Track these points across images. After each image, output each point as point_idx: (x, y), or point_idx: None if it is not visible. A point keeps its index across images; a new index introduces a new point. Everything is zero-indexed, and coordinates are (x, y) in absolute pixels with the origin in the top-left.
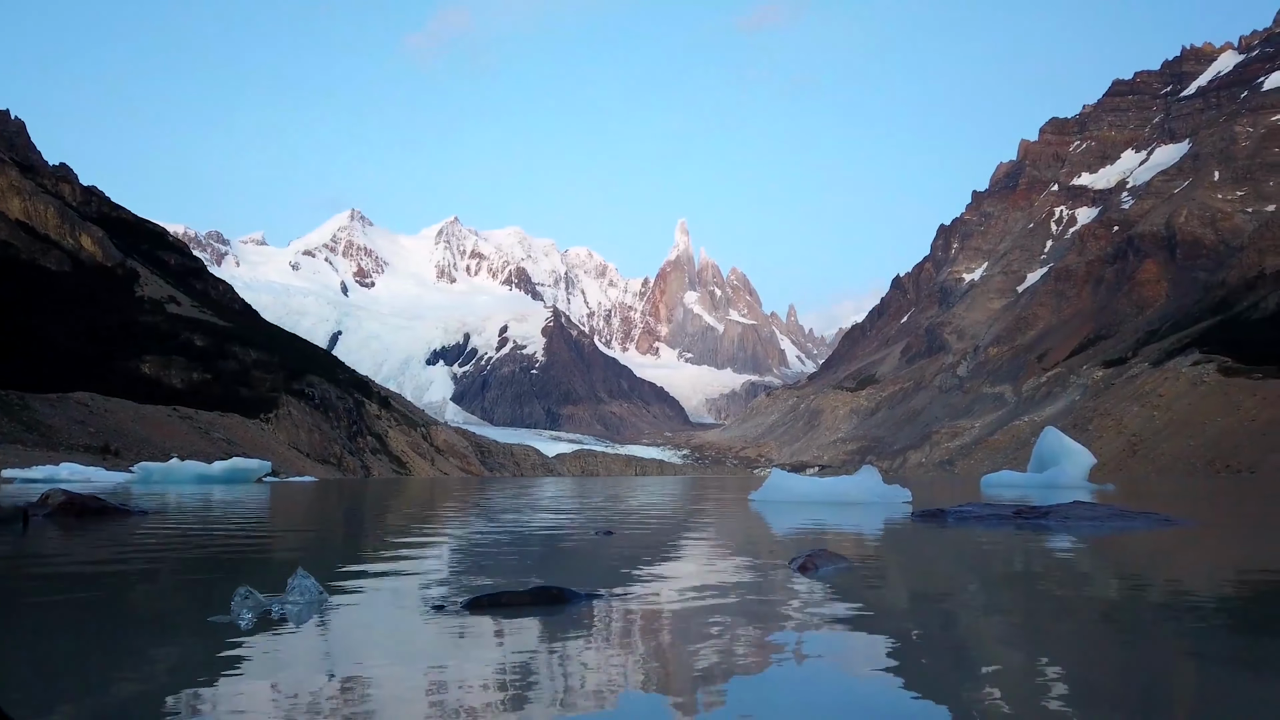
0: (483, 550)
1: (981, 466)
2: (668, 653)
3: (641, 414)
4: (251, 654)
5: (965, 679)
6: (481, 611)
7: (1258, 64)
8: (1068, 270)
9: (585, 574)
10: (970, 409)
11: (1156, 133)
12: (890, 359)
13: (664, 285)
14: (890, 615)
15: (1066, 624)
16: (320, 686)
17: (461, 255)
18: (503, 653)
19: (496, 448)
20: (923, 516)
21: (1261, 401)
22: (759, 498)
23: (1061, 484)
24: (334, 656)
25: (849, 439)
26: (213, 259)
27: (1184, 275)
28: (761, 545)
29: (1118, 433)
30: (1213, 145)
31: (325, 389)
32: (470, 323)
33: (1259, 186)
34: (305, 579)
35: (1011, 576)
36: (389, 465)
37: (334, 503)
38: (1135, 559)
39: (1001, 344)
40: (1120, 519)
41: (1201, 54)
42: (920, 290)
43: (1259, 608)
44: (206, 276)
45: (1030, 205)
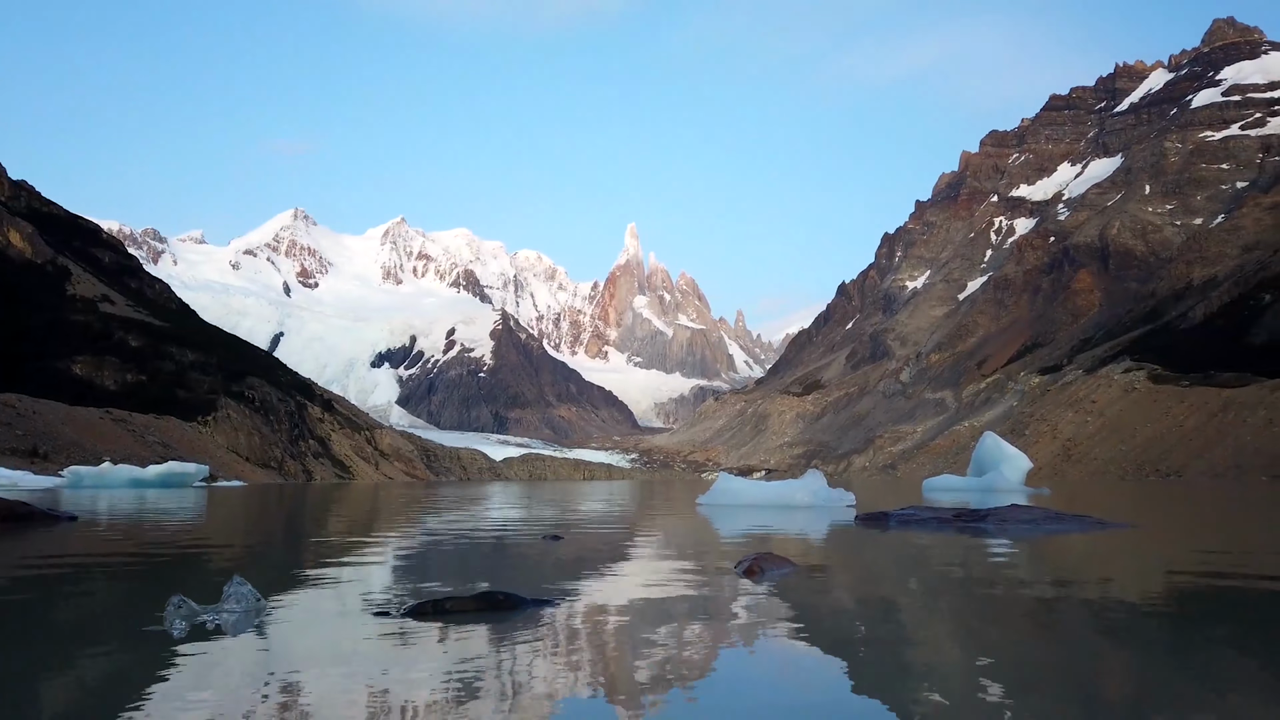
0: (427, 555)
1: (923, 470)
2: (614, 659)
3: (590, 418)
4: (185, 664)
5: (907, 679)
6: (425, 618)
7: (1186, 82)
8: (1006, 279)
9: (532, 579)
10: (913, 414)
11: (1091, 147)
12: (836, 364)
13: (613, 289)
14: (834, 618)
15: (1003, 624)
16: (257, 697)
17: (408, 256)
18: (447, 661)
19: (443, 451)
20: (866, 520)
21: (1189, 408)
22: (706, 501)
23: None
24: (271, 666)
25: (795, 443)
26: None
27: (1116, 285)
28: (708, 549)
29: (1053, 438)
30: (1144, 160)
31: (266, 391)
32: (417, 325)
33: (1187, 201)
34: (242, 586)
35: (951, 579)
36: (332, 469)
37: (272, 508)
38: (1068, 561)
39: (943, 351)
40: (1055, 522)
41: (1134, 71)
42: (865, 297)
43: (1186, 607)
44: (142, 275)
45: (971, 215)
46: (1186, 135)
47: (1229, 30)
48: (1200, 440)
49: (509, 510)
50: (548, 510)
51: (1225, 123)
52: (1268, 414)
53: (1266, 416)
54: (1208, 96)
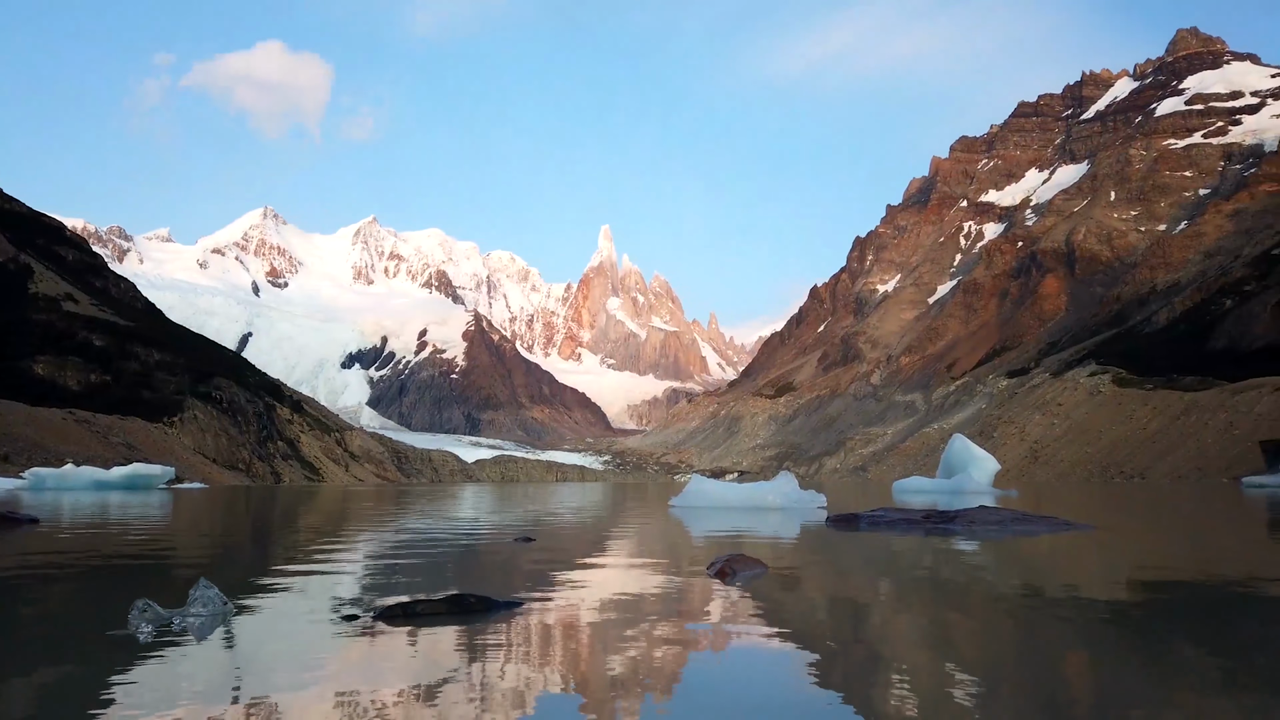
0: (397, 558)
1: (893, 472)
2: (586, 661)
3: (563, 420)
4: (150, 669)
5: (877, 678)
6: (395, 622)
7: (1151, 90)
8: (975, 283)
9: (504, 581)
10: (883, 416)
11: (1058, 153)
12: (808, 367)
13: (587, 291)
14: (805, 619)
15: (971, 624)
16: (224, 703)
17: (380, 256)
18: (417, 664)
19: (414, 453)
20: (837, 521)
21: (1152, 411)
22: (679, 503)
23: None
24: (238, 671)
25: (768, 445)
26: (114, 255)
27: (1082, 290)
28: (680, 551)
29: (1020, 440)
30: (1109, 167)
31: (234, 392)
32: (388, 325)
33: (1151, 207)
34: (208, 589)
35: (920, 580)
36: (301, 471)
37: (239, 510)
38: (1035, 562)
39: (913, 354)
40: (1022, 523)
41: (1100, 79)
42: (837, 300)
43: (1149, 606)
44: (107, 274)
45: (941, 220)
46: (1151, 143)
47: (1192, 40)
48: (1163, 443)
49: (480, 512)
50: (519, 512)
51: (1188, 131)
52: (1228, 417)
53: (1227, 420)
54: (1171, 105)
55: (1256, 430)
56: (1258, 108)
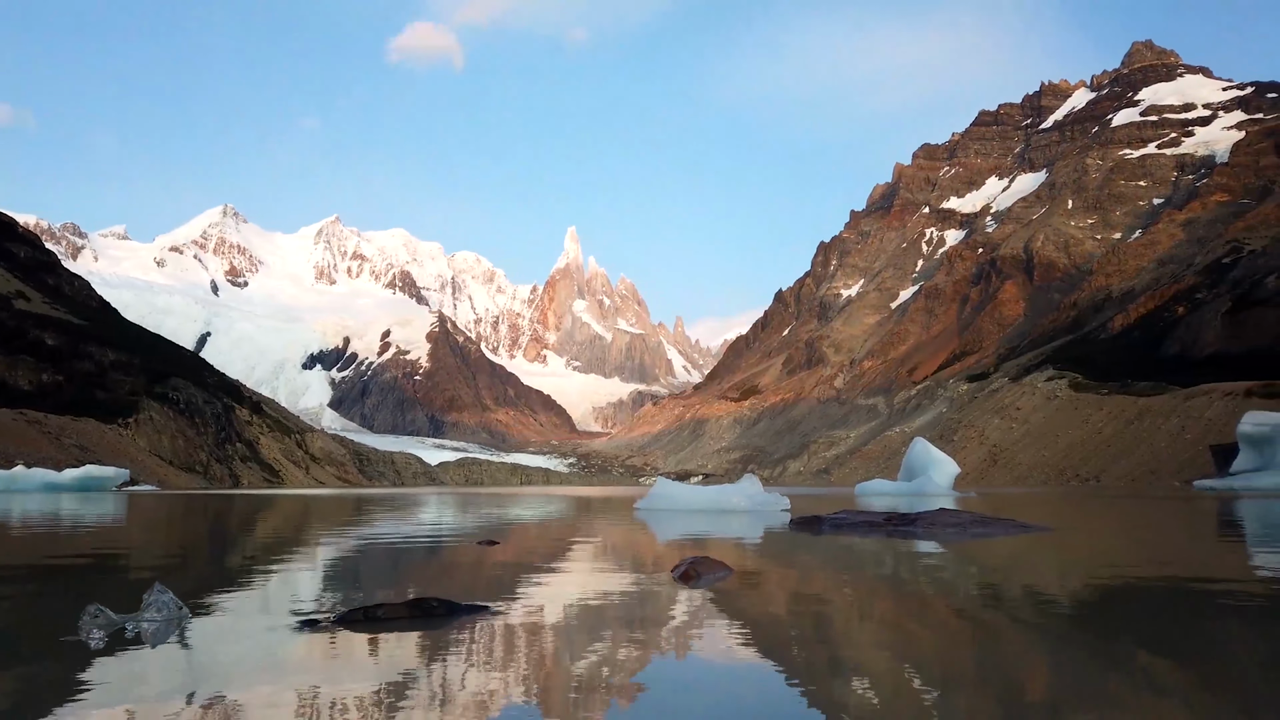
0: (358, 562)
1: (856, 475)
2: (550, 665)
3: (528, 422)
4: (103, 676)
5: (839, 679)
6: (356, 626)
7: (1107, 101)
8: (936, 289)
9: (467, 585)
10: (846, 420)
11: (1017, 162)
12: (772, 370)
13: (553, 293)
14: (769, 621)
15: (931, 625)
16: (178, 710)
17: (342, 256)
18: (379, 670)
19: (376, 455)
20: (800, 524)
21: (1107, 415)
22: (644, 506)
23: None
24: (194, 677)
25: (732, 448)
26: (68, 253)
27: (1040, 296)
28: (645, 554)
29: (980, 443)
30: (1067, 176)
31: (191, 393)
32: (351, 326)
33: (1107, 215)
34: (163, 594)
35: (882, 581)
36: (260, 473)
37: (196, 513)
38: (993, 563)
39: (875, 358)
40: (981, 526)
41: (1058, 90)
42: (801, 304)
43: (1103, 606)
44: (60, 271)
45: (903, 226)
46: (1107, 153)
47: (1147, 53)
48: (1118, 446)
49: (443, 515)
50: (483, 515)
51: (1143, 141)
52: (1180, 421)
53: (1179, 424)
54: (1127, 116)
55: (1207, 435)
56: (1209, 120)
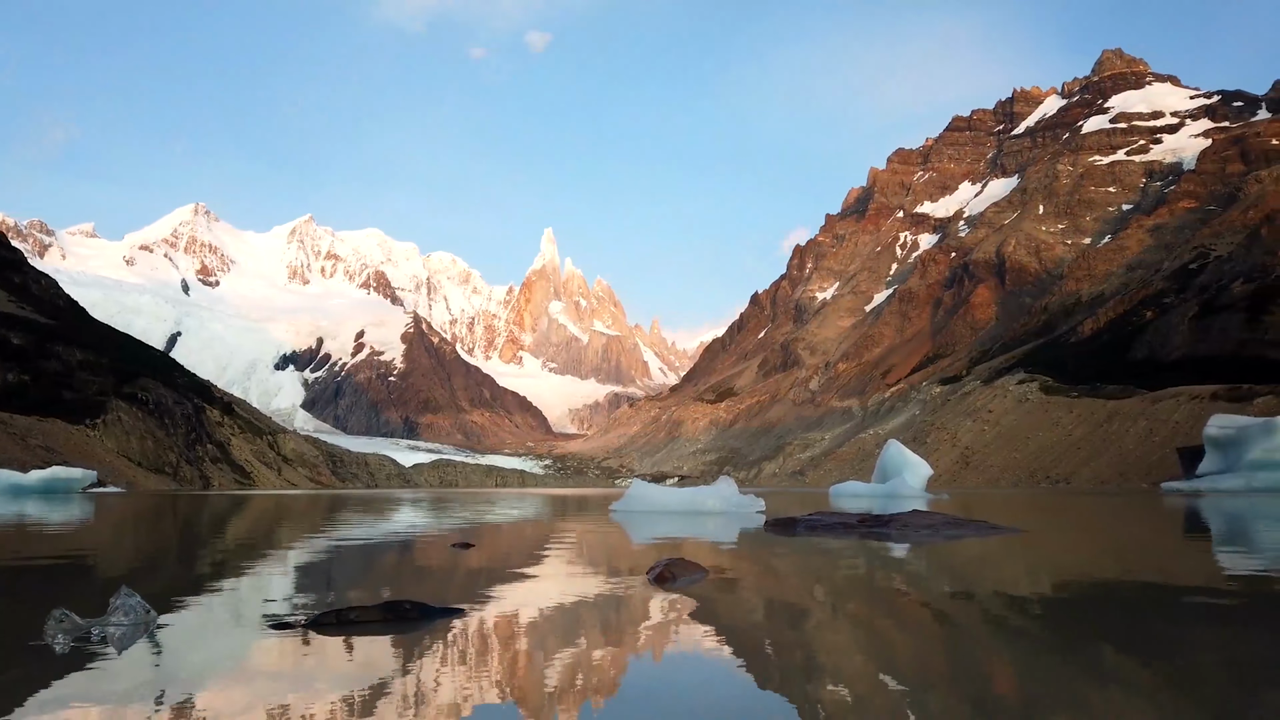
0: (330, 564)
1: (831, 477)
2: (525, 668)
3: (504, 424)
4: (69, 681)
5: (813, 680)
6: (328, 630)
7: (1078, 108)
8: (910, 292)
9: (441, 588)
10: (821, 422)
11: (990, 167)
12: (748, 372)
13: (529, 294)
14: (743, 622)
15: (904, 626)
16: (147, 716)
17: (316, 256)
18: (351, 674)
19: (350, 457)
20: (775, 525)
21: (1077, 418)
22: (620, 508)
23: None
24: (163, 682)
25: (708, 450)
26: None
27: (1012, 300)
28: (620, 556)
29: (953, 445)
30: (1038, 181)
31: (161, 393)
32: (324, 327)
33: (1077, 221)
34: (130, 598)
35: (855, 583)
36: (231, 475)
37: (165, 515)
38: (964, 565)
39: (850, 360)
40: (953, 527)
41: (1030, 96)
42: (777, 307)
43: (1072, 606)
44: (27, 269)
45: (878, 230)
46: (1077, 159)
47: (1117, 61)
48: (1087, 449)
49: (417, 517)
50: (458, 517)
51: (1112, 148)
52: (1148, 424)
53: (1147, 427)
54: (1097, 123)
55: (1174, 437)
56: (1177, 127)
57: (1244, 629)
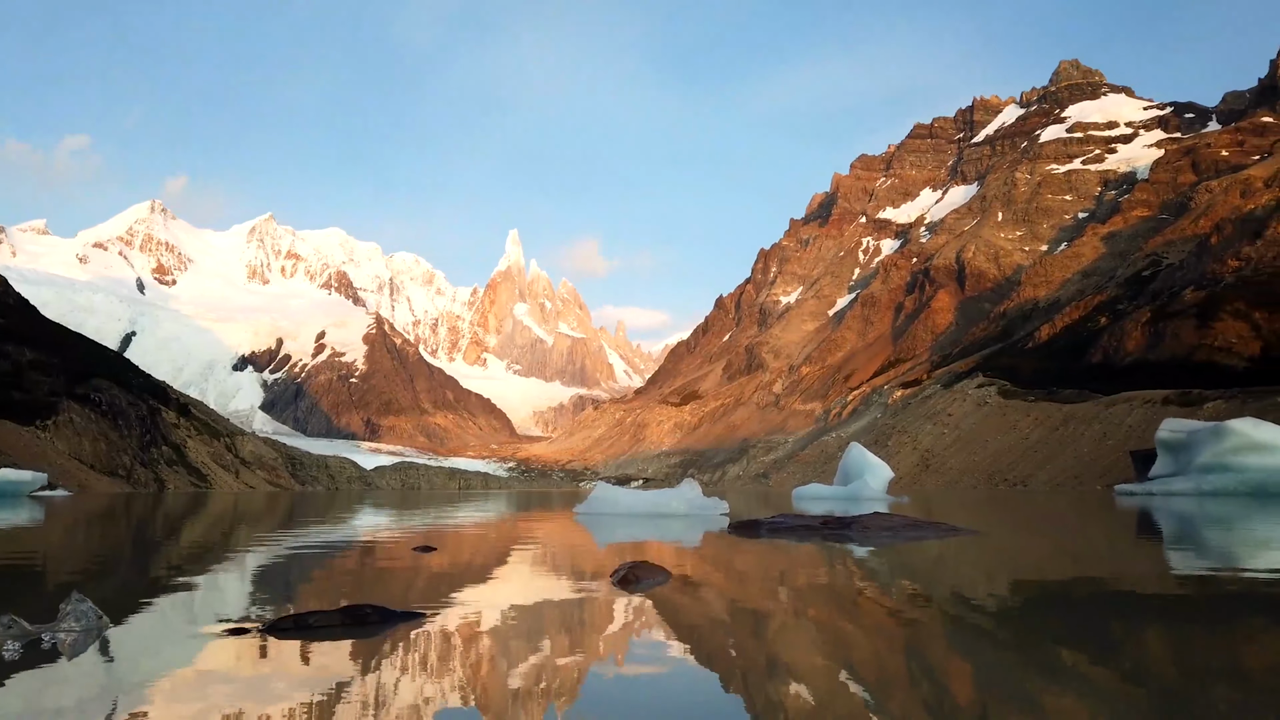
0: (288, 568)
1: (794, 479)
2: (487, 673)
3: (467, 426)
4: (16, 690)
5: (775, 682)
6: (285, 635)
7: (1035, 118)
8: (872, 297)
9: (402, 592)
10: (784, 425)
11: (951, 174)
12: (713, 375)
13: (494, 296)
14: (706, 625)
15: (864, 628)
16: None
17: (276, 255)
18: (309, 680)
19: (310, 459)
20: (739, 528)
21: (1034, 422)
22: (584, 510)
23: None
24: (114, 690)
25: (672, 452)
26: None
27: (971, 305)
28: (584, 559)
29: (913, 448)
30: (997, 189)
31: (115, 394)
32: (284, 327)
33: (1034, 228)
34: (82, 603)
35: (817, 585)
36: (187, 478)
37: (118, 518)
38: (924, 566)
39: (813, 364)
40: (913, 529)
41: (990, 105)
42: (741, 311)
43: (1028, 607)
44: None
45: (841, 235)
46: (1035, 167)
47: (1074, 72)
48: (1044, 452)
49: (378, 521)
50: (420, 520)
51: (1069, 157)
52: (1102, 428)
53: (1101, 430)
54: (1054, 132)
55: (1128, 441)
56: (1131, 138)
57: (1193, 627)
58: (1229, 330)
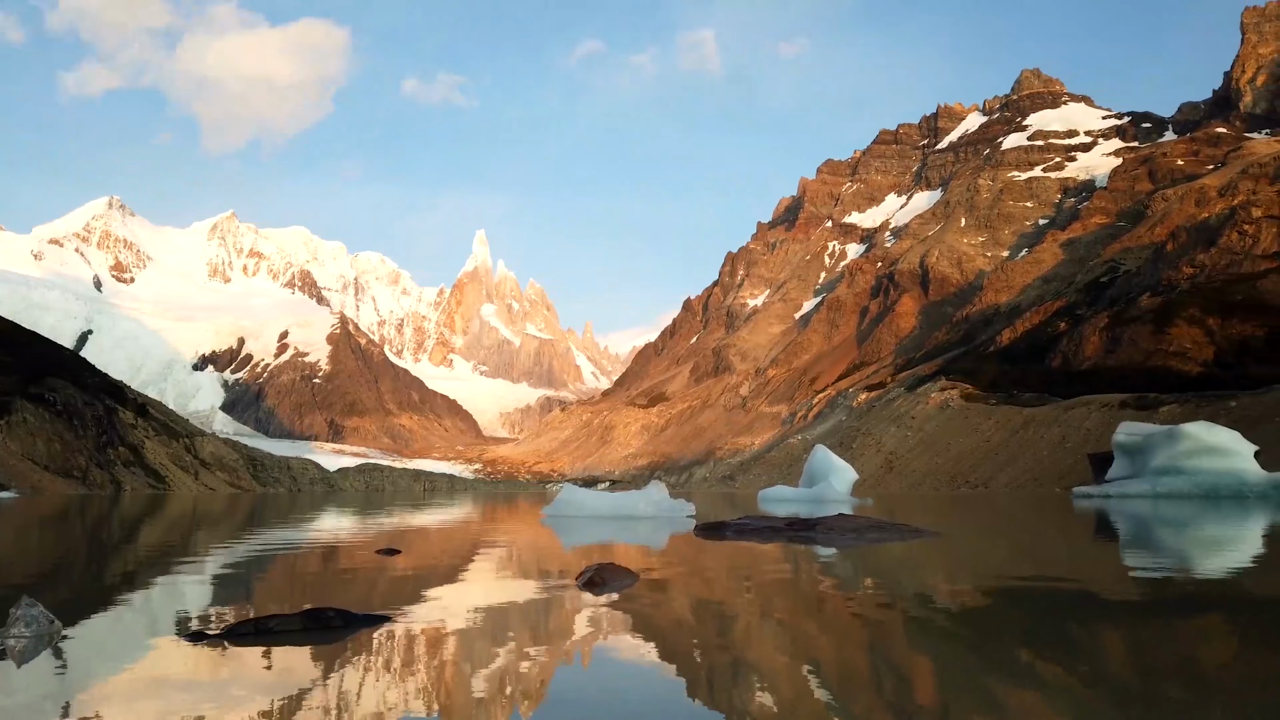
0: (249, 572)
1: (760, 481)
2: (451, 676)
3: (433, 427)
4: None
5: (740, 684)
6: (245, 640)
7: (998, 125)
8: (838, 300)
9: (365, 595)
10: (751, 427)
11: (915, 180)
12: (680, 378)
13: (460, 296)
14: (672, 627)
15: (828, 629)
16: None
17: (239, 254)
18: (269, 686)
19: (271, 461)
20: (705, 530)
21: (995, 425)
22: (550, 513)
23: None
24: (67, 697)
25: (640, 454)
26: None
27: (935, 310)
28: (551, 562)
29: (877, 451)
30: (960, 195)
31: (70, 393)
32: (246, 326)
33: (996, 234)
34: (32, 608)
35: (782, 587)
36: (145, 479)
37: (72, 520)
38: (887, 568)
39: (780, 367)
40: (876, 531)
41: (953, 112)
42: (709, 313)
43: (988, 607)
44: None
45: (808, 238)
46: (997, 174)
47: (1035, 81)
48: (1004, 455)
49: (342, 523)
50: (384, 522)
51: (1030, 165)
52: (1061, 431)
53: (1060, 433)
54: (1015, 140)
55: (1085, 444)
56: (1090, 146)
57: (1148, 627)
58: (1184, 336)
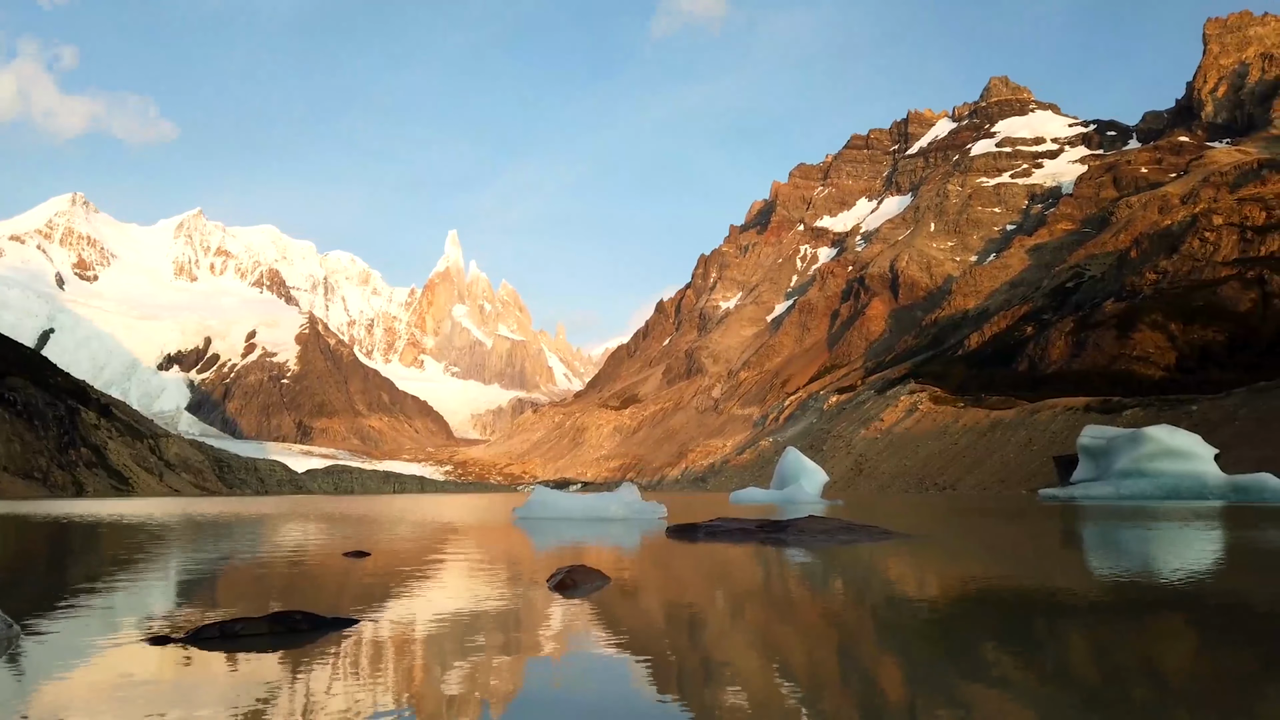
0: (215, 575)
1: (731, 483)
2: (420, 679)
3: (403, 429)
4: None
5: (710, 685)
6: (211, 644)
7: (967, 132)
8: (809, 304)
9: (334, 599)
10: (723, 429)
11: (885, 185)
12: (652, 380)
13: (431, 296)
14: (643, 629)
15: (799, 630)
16: None
17: (205, 252)
18: (235, 691)
19: (238, 462)
20: (676, 532)
21: (963, 427)
22: (522, 514)
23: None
24: (27, 704)
25: (611, 456)
26: None
27: (904, 313)
28: (522, 564)
29: (847, 453)
30: (930, 200)
31: (30, 393)
32: (213, 326)
33: (965, 239)
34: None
35: (753, 588)
36: (108, 481)
37: (33, 524)
38: (857, 570)
39: (751, 369)
40: (846, 533)
41: (923, 118)
42: (682, 315)
43: (957, 608)
44: None
45: (780, 242)
46: (966, 180)
47: (1003, 88)
48: (972, 457)
49: (309, 525)
50: (353, 525)
51: (998, 171)
52: (1027, 434)
53: (1026, 436)
54: (984, 146)
55: (1051, 446)
56: (1057, 153)
57: (1112, 627)
58: (1147, 341)
